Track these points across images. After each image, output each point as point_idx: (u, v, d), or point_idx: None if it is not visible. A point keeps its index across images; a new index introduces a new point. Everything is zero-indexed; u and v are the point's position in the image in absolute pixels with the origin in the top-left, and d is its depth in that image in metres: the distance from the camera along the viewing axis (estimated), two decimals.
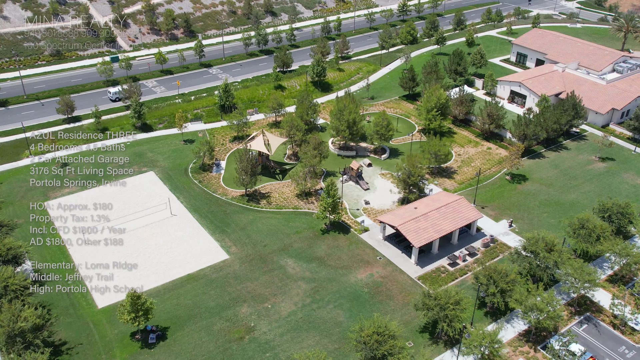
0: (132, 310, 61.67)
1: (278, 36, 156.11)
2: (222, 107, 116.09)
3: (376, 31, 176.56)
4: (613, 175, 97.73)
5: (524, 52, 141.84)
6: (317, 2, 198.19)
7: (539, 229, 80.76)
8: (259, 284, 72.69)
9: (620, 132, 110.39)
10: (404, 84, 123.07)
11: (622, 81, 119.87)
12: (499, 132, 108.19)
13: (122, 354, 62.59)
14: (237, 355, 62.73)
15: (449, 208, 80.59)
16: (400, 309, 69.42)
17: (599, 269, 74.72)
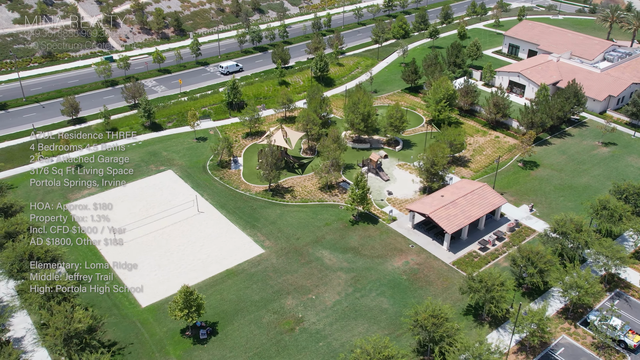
0: (185, 307, 61.65)
1: (271, 33, 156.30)
2: (230, 104, 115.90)
3: (364, 26, 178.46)
4: (618, 159, 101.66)
5: (515, 44, 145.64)
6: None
7: (559, 212, 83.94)
8: (299, 276, 73.40)
9: (617, 118, 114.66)
10: (406, 77, 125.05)
11: (614, 69, 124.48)
12: (505, 121, 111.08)
13: (175, 351, 62.53)
14: (291, 346, 63.40)
15: (475, 195, 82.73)
16: (440, 293, 71.13)
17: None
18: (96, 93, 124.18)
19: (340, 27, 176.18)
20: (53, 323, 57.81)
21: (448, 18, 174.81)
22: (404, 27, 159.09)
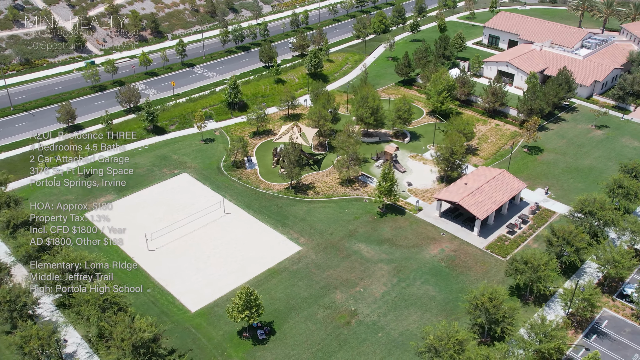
0: (246, 307, 61.15)
1: (253, 32, 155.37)
2: (230, 104, 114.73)
3: (340, 22, 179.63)
4: (613, 140, 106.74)
5: (495, 35, 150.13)
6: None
7: (571, 194, 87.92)
8: (341, 270, 73.87)
9: (604, 102, 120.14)
10: (399, 70, 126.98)
11: (594, 55, 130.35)
12: (502, 110, 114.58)
13: (237, 354, 61.97)
14: (351, 339, 63.90)
15: (497, 181, 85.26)
16: (481, 277, 73.12)
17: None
18: (86, 99, 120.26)
19: (317, 23, 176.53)
20: (117, 334, 56.23)
21: (422, 12, 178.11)
22: (384, 21, 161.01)
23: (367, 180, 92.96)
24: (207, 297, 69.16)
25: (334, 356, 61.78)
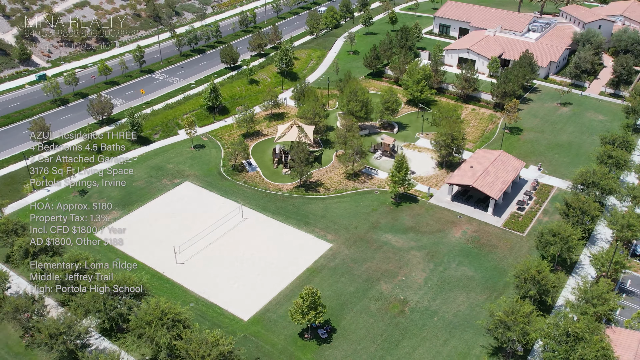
0: (312, 308, 60.87)
1: (206, 33, 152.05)
2: (210, 108, 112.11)
3: (285, 20, 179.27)
4: (580, 116, 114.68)
5: (446, 24, 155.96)
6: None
7: (560, 168, 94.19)
8: (378, 262, 74.94)
9: (561, 81, 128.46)
10: (368, 63, 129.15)
11: (544, 38, 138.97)
12: (475, 95, 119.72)
13: (306, 355, 61.60)
14: (410, 326, 65.26)
15: (499, 162, 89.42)
16: (508, 254, 76.77)
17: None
18: (50, 114, 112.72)
19: (263, 22, 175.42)
20: (196, 352, 54.31)
21: (366, 5, 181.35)
22: (335, 16, 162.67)
23: (372, 172, 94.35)
24: (256, 304, 68.00)
25: (399, 345, 62.88)
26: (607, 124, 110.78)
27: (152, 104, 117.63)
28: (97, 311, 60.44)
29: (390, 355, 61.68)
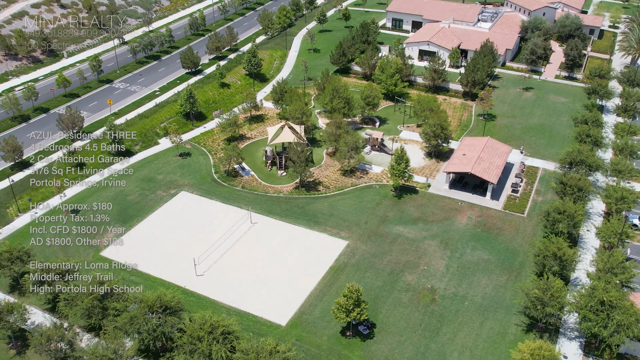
0: (356, 305, 61.15)
1: (160, 39, 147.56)
2: (187, 114, 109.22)
3: (232, 21, 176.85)
4: (543, 99, 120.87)
5: (399, 17, 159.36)
6: (153, 2, 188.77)
7: (539, 150, 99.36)
8: (397, 254, 76.14)
9: (517, 67, 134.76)
10: (334, 60, 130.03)
11: (495, 27, 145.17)
12: (443, 85, 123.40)
13: (354, 353, 61.84)
14: (445, 312, 66.90)
15: (488, 147, 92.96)
16: (516, 234, 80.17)
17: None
18: (12, 132, 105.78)
19: (212, 24, 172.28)
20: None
21: (313, 3, 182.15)
22: (288, 15, 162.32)
23: (366, 168, 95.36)
24: (289, 307, 67.40)
25: (440, 332, 64.36)
26: (570, 105, 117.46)
27: (121, 114, 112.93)
28: (138, 332, 57.83)
29: (434, 343, 63.04)
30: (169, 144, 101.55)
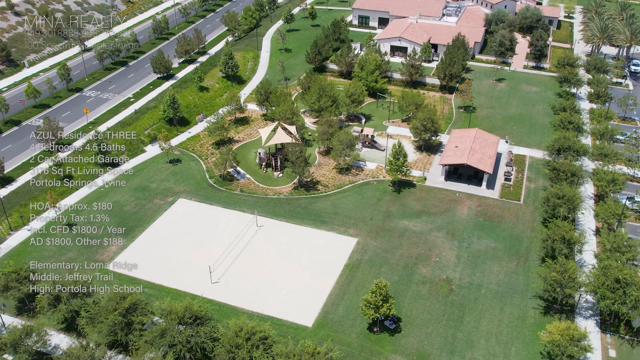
0: (385, 301, 61.65)
1: (127, 44, 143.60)
2: (170, 120, 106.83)
3: (194, 24, 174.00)
4: (516, 89, 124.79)
5: (365, 14, 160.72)
6: (109, 7, 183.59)
7: (522, 138, 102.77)
8: (408, 248, 77.11)
9: (486, 59, 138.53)
10: (310, 59, 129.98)
11: (462, 21, 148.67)
12: (420, 80, 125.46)
13: (385, 348, 62.33)
14: (465, 301, 68.32)
15: (479, 138, 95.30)
16: (516, 221, 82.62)
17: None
18: None
19: (174, 27, 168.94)
20: None
21: (275, 3, 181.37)
22: (254, 15, 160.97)
23: (360, 164, 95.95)
24: (312, 308, 67.24)
25: (463, 321, 65.70)
26: (542, 94, 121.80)
27: (98, 122, 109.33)
28: (170, 345, 56.36)
29: (460, 332, 64.30)
30: (156, 151, 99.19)
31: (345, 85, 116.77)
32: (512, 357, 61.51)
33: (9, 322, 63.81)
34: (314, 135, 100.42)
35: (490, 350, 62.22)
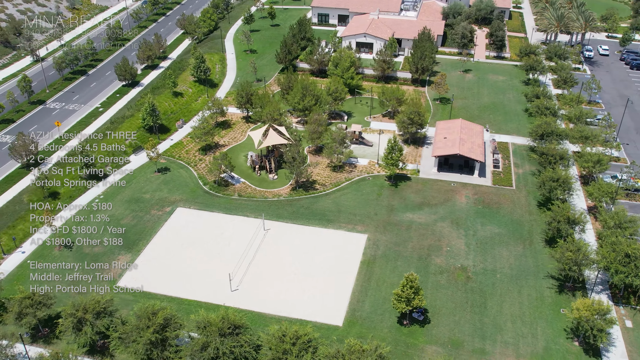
0: (416, 293, 62.48)
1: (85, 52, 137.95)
2: (150, 128, 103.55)
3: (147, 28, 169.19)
4: (484, 79, 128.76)
5: (325, 12, 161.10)
6: (56, 15, 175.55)
7: (500, 126, 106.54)
8: (418, 240, 78.29)
9: (449, 51, 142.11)
10: (280, 59, 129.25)
11: (421, 15, 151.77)
12: (392, 75, 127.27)
13: (419, 340, 63.20)
14: (484, 287, 70.17)
15: (465, 129, 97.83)
16: (514, 206, 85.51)
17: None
18: None
19: (127, 32, 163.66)
20: None
21: (229, 4, 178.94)
22: (212, 17, 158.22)
23: (353, 161, 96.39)
24: (339, 307, 67.23)
25: (487, 306, 67.49)
26: (509, 83, 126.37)
27: (71, 135, 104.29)
28: (214, 358, 54.92)
29: (486, 317, 66.03)
30: (141, 160, 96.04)
31: (322, 83, 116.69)
32: (540, 336, 63.75)
33: (23, 350, 60.19)
34: (300, 134, 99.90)
35: (518, 331, 64.24)
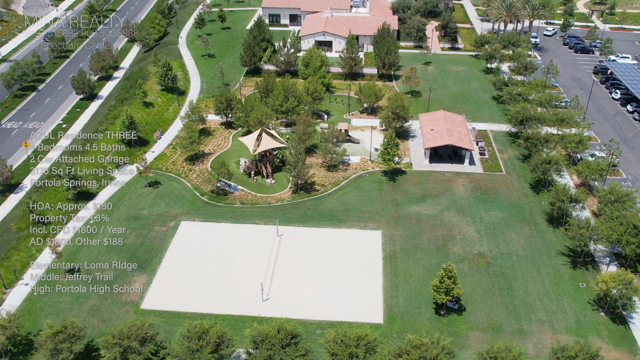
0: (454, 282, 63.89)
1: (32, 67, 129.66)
2: (129, 142, 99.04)
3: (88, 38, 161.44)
4: (446, 70, 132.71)
5: (276, 12, 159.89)
6: None
7: (474, 114, 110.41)
8: (431, 231, 79.84)
9: (405, 45, 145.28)
10: (245, 63, 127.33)
11: (373, 11, 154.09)
12: (359, 71, 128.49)
13: (461, 328, 64.60)
14: (506, 271, 72.71)
15: (448, 119, 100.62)
16: (510, 190, 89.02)
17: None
18: None
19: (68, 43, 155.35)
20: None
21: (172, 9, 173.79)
22: (161, 23, 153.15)
23: (346, 159, 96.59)
24: (375, 305, 67.52)
25: (513, 288, 70.03)
26: (470, 72, 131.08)
27: (42, 156, 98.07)
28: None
29: (516, 298, 68.53)
30: (127, 176, 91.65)
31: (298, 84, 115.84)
32: (568, 311, 66.95)
33: None
34: (285, 136, 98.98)
35: (547, 309, 67.11)
